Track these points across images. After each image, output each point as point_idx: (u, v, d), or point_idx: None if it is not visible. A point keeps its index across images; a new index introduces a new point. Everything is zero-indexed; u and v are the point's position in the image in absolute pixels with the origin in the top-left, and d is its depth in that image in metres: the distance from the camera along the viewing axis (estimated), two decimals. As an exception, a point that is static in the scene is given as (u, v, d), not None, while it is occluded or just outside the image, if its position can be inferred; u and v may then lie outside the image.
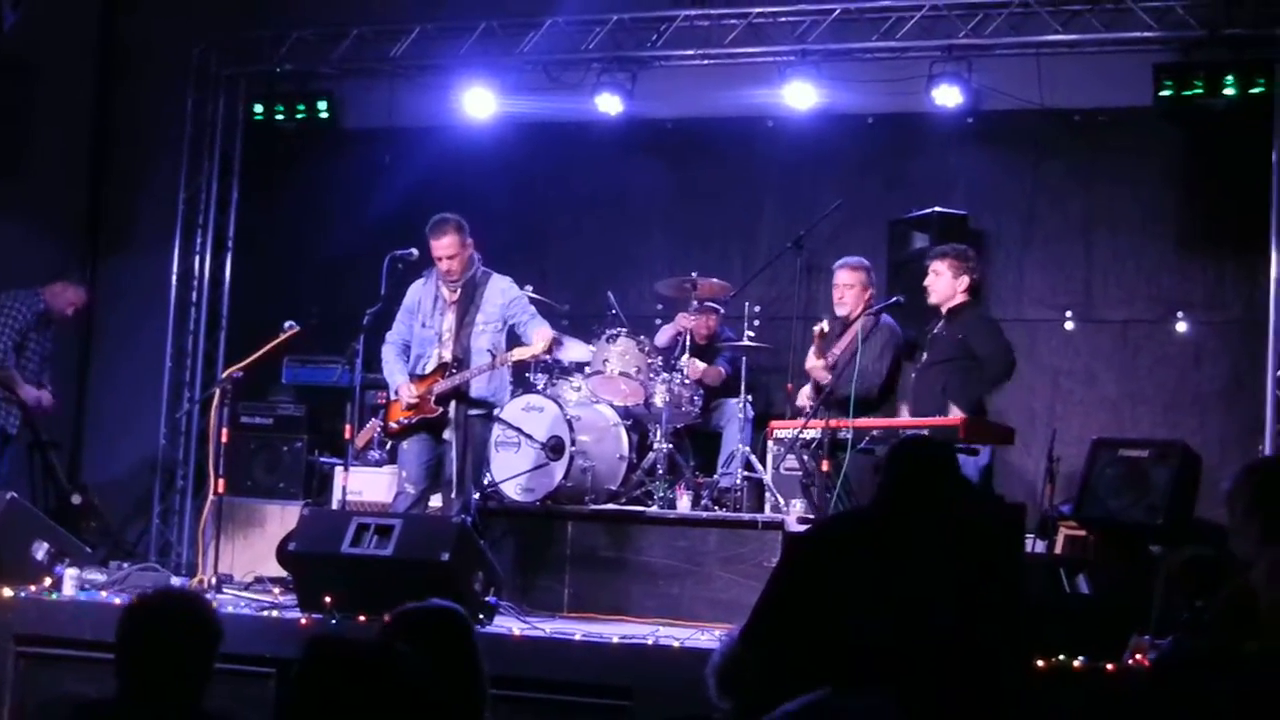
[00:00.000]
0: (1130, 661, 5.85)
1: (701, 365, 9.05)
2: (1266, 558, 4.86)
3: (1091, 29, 9.17)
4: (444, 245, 8.04)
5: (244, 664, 6.49)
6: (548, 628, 6.98)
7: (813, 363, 8.37)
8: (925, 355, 7.90)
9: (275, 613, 7.15)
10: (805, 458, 7.94)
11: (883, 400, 8.15)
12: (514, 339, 8.23)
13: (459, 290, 8.17)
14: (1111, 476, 7.72)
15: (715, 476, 8.81)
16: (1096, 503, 7.71)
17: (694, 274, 9.06)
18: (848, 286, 8.47)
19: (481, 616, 6.75)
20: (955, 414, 7.28)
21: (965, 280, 7.81)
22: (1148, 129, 9.42)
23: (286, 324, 8.39)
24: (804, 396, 8.47)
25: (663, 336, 9.21)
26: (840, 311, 8.51)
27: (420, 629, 3.70)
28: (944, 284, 7.82)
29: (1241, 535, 5.05)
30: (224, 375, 8.54)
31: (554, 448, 8.26)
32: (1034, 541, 7.66)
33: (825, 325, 8.43)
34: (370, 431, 9.02)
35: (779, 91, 9.69)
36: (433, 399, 7.98)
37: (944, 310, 7.86)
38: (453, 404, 7.96)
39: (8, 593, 7.34)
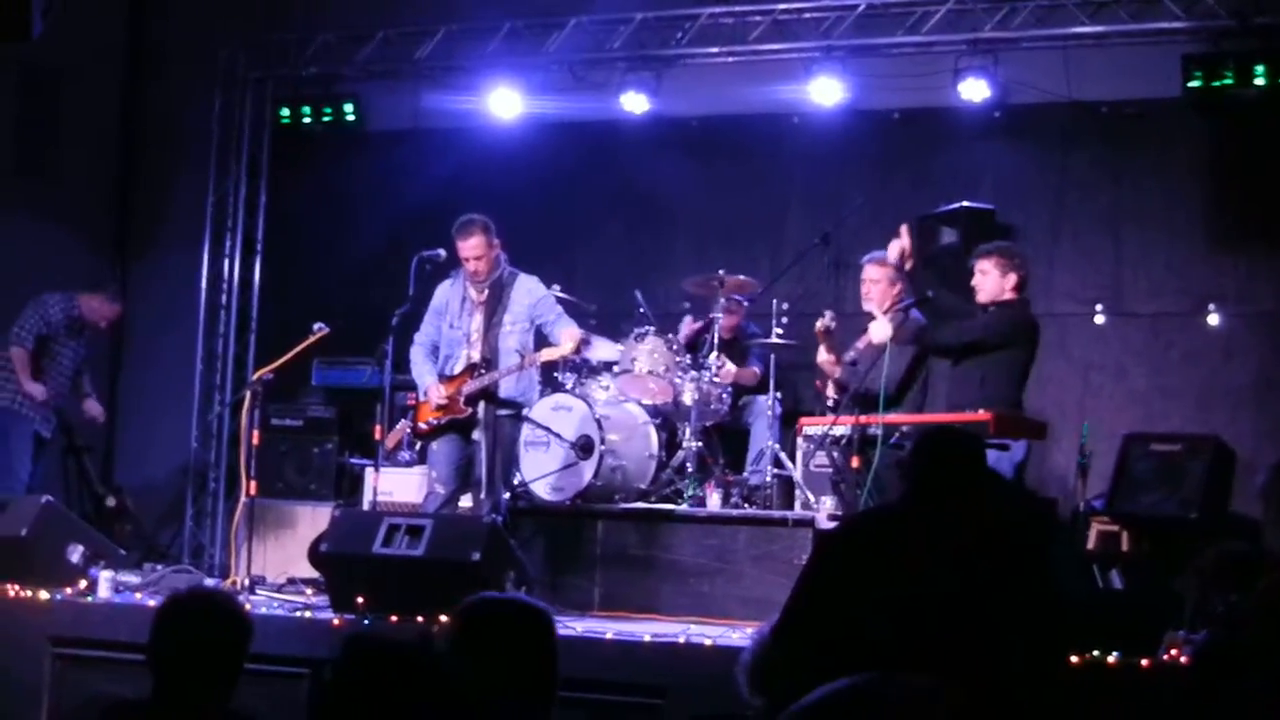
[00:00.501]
0: (1165, 657, 5.82)
1: (734, 368, 9.03)
2: None
3: (1119, 20, 9.11)
4: (470, 246, 8.05)
5: (277, 664, 6.52)
6: (579, 627, 6.99)
7: (823, 357, 8.36)
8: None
9: (308, 613, 7.18)
10: (835, 454, 7.93)
11: (901, 395, 8.12)
12: (542, 339, 8.24)
13: (486, 291, 8.18)
14: (1144, 471, 7.69)
15: (745, 474, 8.81)
16: (1130, 497, 7.67)
17: (721, 271, 9.05)
18: (874, 282, 8.46)
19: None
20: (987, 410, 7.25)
21: (1013, 278, 7.75)
22: (1176, 121, 9.36)
23: (315, 326, 8.42)
24: (830, 390, 8.47)
25: (682, 333, 9.21)
26: (867, 307, 8.49)
27: (499, 623, 3.57)
28: (991, 282, 7.76)
29: (1276, 529, 5.07)
30: (254, 378, 8.57)
31: (583, 447, 8.26)
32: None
33: (830, 322, 8.40)
34: (400, 432, 9.04)
35: (804, 88, 9.67)
36: (462, 400, 7.99)
37: (989, 308, 7.81)
38: (481, 404, 7.97)
39: (44, 595, 7.40)
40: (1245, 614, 4.90)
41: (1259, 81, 8.77)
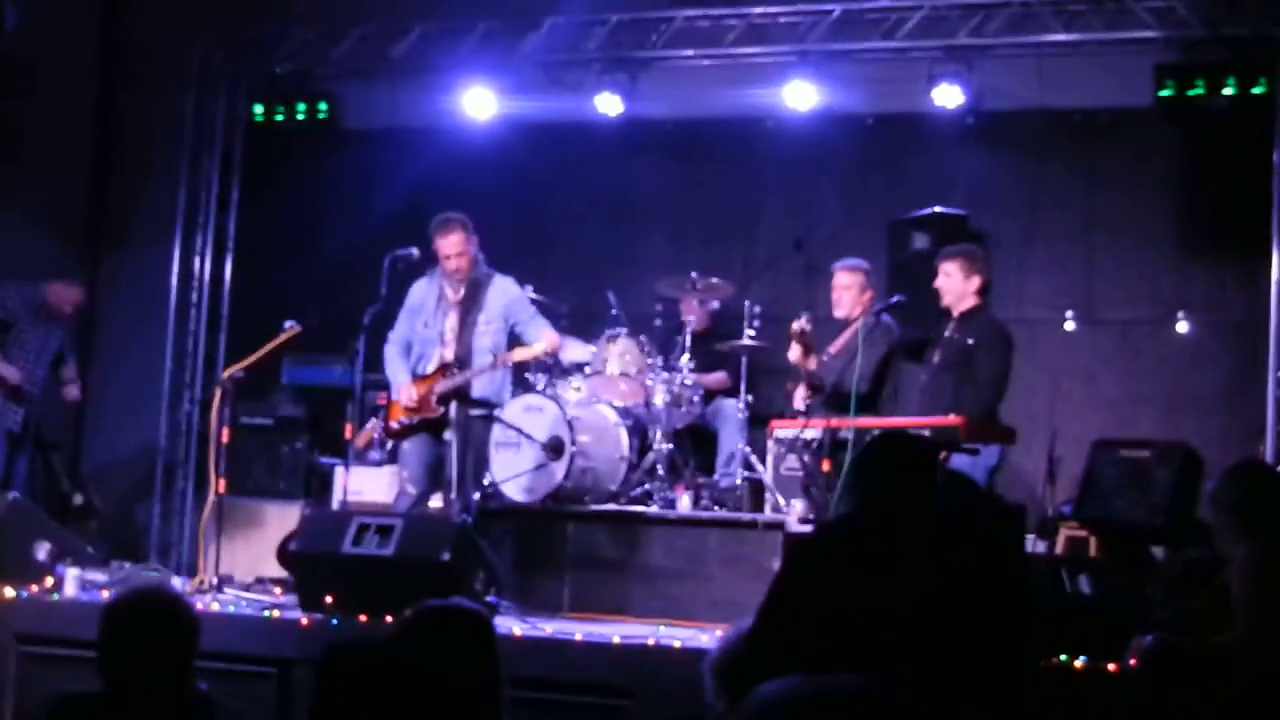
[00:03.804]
0: (1132, 662, 5.86)
1: (704, 377, 9.07)
2: (1238, 554, 5.01)
3: (1092, 28, 9.15)
4: (450, 244, 8.05)
5: (245, 663, 6.50)
6: (548, 627, 6.99)
7: (796, 356, 8.36)
8: (935, 357, 7.88)
9: (276, 613, 7.15)
10: (806, 458, 7.94)
11: (872, 398, 8.13)
12: (515, 339, 8.24)
13: (462, 290, 8.17)
14: (1113, 477, 7.73)
15: (715, 476, 8.82)
16: (1098, 503, 7.71)
17: (694, 273, 9.07)
18: (845, 288, 8.50)
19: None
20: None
21: (976, 280, 7.79)
22: (1148, 129, 9.41)
23: (287, 324, 8.39)
24: (800, 399, 8.47)
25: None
26: (838, 313, 8.53)
27: (443, 628, 3.68)
28: (955, 285, 7.80)
29: (1224, 533, 5.22)
30: (224, 375, 8.53)
31: (554, 448, 8.26)
32: (1034, 542, 7.66)
33: (805, 324, 8.40)
34: (371, 432, 9.01)
35: (779, 92, 9.68)
36: (434, 399, 7.98)
37: (956, 312, 7.85)
38: (454, 404, 7.96)
39: (10, 593, 7.36)
40: (1191, 617, 5.00)
41: (1229, 91, 8.83)
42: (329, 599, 6.96)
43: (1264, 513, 5.26)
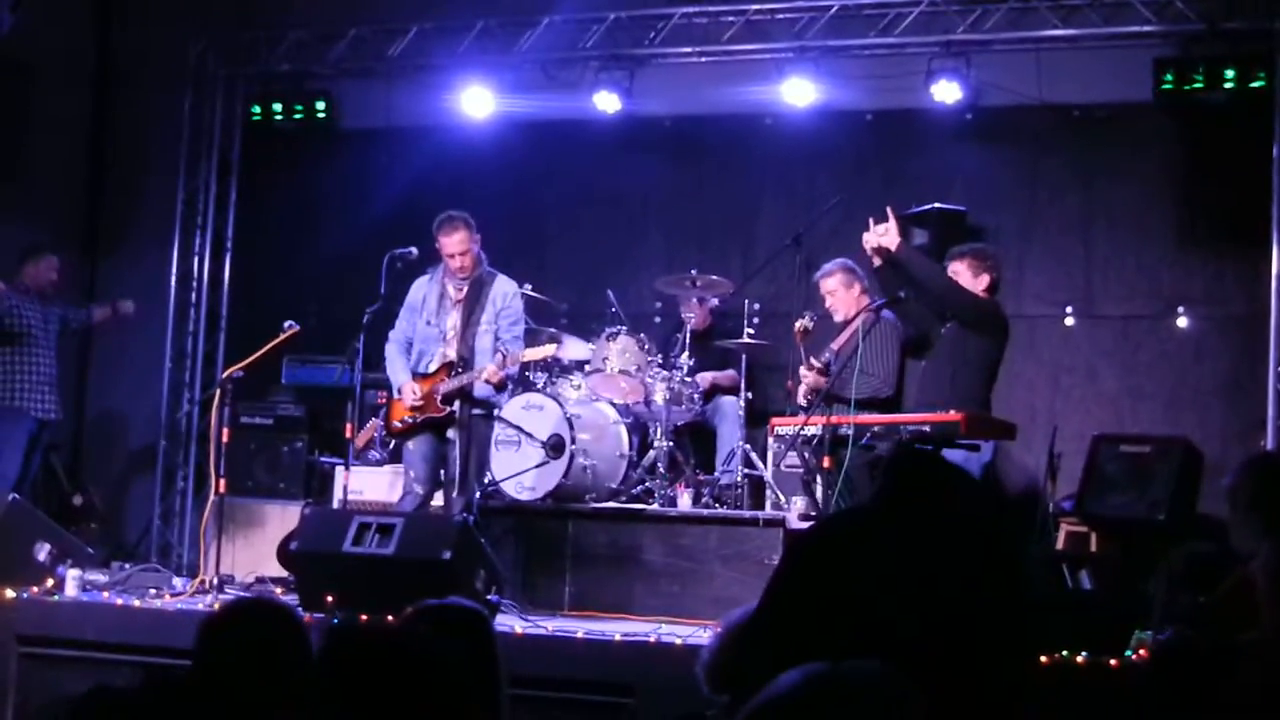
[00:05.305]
0: (1133, 657, 5.85)
1: (711, 374, 9.07)
2: (1265, 550, 4.95)
3: (1090, 23, 9.16)
4: (454, 242, 8.03)
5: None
6: (550, 626, 6.99)
7: (806, 375, 8.28)
8: (936, 350, 7.85)
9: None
10: (806, 454, 7.92)
11: (895, 399, 8.10)
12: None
13: (465, 288, 8.16)
14: (1113, 472, 7.71)
15: (716, 474, 8.81)
16: (1098, 498, 7.70)
17: (693, 271, 9.06)
18: (832, 293, 8.46)
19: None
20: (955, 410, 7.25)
21: (985, 279, 7.73)
22: (1147, 124, 9.41)
23: (286, 324, 8.38)
24: (803, 395, 8.45)
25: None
26: (837, 318, 8.49)
27: (441, 626, 3.68)
28: (963, 283, 7.77)
29: (1243, 529, 5.14)
30: (224, 375, 8.53)
31: (555, 446, 8.26)
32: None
33: (808, 323, 8.38)
34: (371, 431, 9.02)
35: (777, 88, 9.68)
36: (439, 398, 7.97)
37: None
38: (457, 403, 7.96)
39: (10, 593, 7.36)
40: (1210, 611, 4.96)
41: (1228, 85, 8.83)
42: (330, 598, 6.96)
43: None
